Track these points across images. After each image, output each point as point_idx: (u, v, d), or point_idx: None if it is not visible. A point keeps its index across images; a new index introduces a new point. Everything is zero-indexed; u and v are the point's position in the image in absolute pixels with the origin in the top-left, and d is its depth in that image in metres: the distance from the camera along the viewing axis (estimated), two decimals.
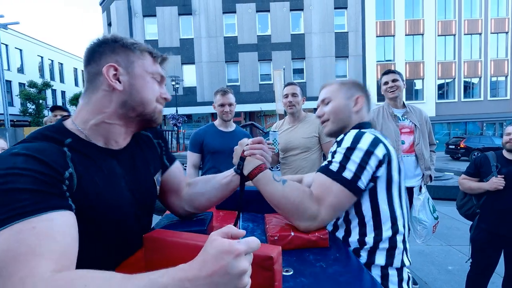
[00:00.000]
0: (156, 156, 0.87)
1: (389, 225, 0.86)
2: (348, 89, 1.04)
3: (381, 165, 0.83)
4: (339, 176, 0.81)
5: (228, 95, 2.28)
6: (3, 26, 11.90)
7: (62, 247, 0.49)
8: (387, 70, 2.60)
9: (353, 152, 0.82)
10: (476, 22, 20.02)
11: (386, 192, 0.86)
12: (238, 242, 0.42)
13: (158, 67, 0.75)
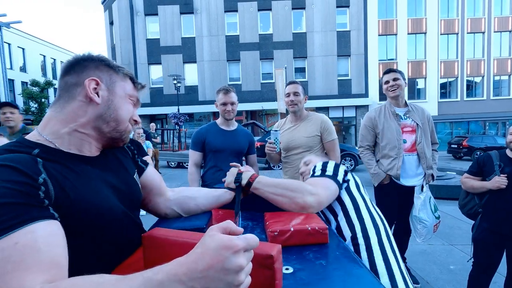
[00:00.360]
0: (128, 159, 0.87)
1: (368, 214, 1.06)
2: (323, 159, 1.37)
3: (347, 173, 1.11)
4: (323, 174, 1.06)
5: (230, 94, 2.27)
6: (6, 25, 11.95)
7: (50, 257, 0.48)
8: (388, 69, 2.58)
9: (327, 165, 1.11)
10: (479, 20, 19.89)
11: (357, 188, 1.10)
12: (237, 238, 0.41)
13: (136, 92, 0.82)
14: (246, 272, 0.41)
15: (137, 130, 5.54)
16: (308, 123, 2.32)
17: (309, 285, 0.59)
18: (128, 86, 0.79)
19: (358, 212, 1.01)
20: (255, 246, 0.43)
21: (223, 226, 0.45)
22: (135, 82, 0.82)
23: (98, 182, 0.68)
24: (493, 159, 2.11)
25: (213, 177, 2.25)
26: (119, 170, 0.78)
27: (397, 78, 2.47)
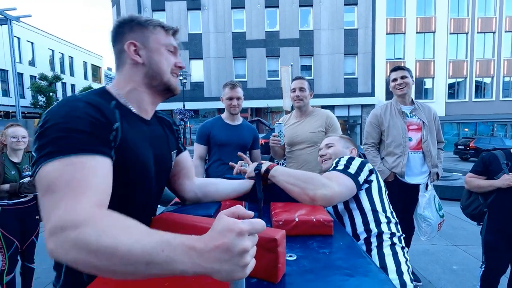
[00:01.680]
0: (173, 138, 0.98)
1: (384, 215, 1.10)
2: (345, 142, 1.44)
3: (372, 173, 1.13)
4: (345, 171, 1.06)
5: (236, 89, 2.29)
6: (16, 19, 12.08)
7: (103, 185, 0.58)
8: (396, 66, 2.56)
9: (352, 162, 1.12)
10: (490, 20, 19.53)
11: (378, 193, 1.13)
12: (242, 222, 0.43)
13: (171, 39, 0.83)
14: (251, 254, 0.43)
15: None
16: (313, 118, 2.32)
17: (312, 272, 0.60)
18: (161, 37, 0.81)
19: (375, 214, 1.06)
20: (261, 230, 0.44)
21: (232, 210, 0.46)
22: (167, 29, 0.83)
23: (147, 144, 0.79)
24: (499, 158, 2.10)
25: (217, 170, 2.27)
26: (163, 141, 0.90)
27: (405, 76, 2.45)
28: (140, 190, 0.76)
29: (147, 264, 0.44)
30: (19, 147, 2.27)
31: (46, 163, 0.55)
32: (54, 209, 0.51)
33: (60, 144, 0.57)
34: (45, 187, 0.54)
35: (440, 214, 2.52)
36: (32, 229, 2.37)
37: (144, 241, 0.45)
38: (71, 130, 0.58)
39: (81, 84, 28.64)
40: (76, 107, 0.62)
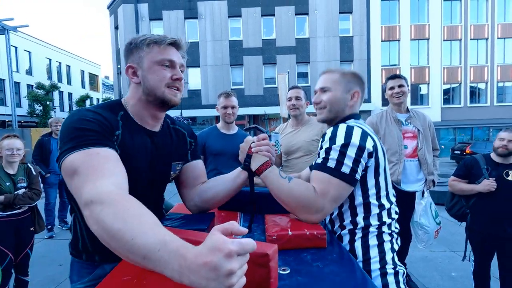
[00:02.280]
0: (184, 150, 1.05)
1: (377, 204, 0.96)
2: (347, 82, 1.08)
3: (372, 156, 0.92)
4: (337, 172, 0.88)
5: (231, 98, 2.31)
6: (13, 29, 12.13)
7: (117, 170, 0.70)
8: (393, 74, 2.59)
9: (347, 148, 0.89)
10: (483, 27, 19.89)
11: (374, 176, 0.96)
12: (232, 242, 0.42)
13: (166, 53, 0.88)
14: (238, 275, 0.42)
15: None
16: (309, 127, 2.34)
17: (305, 286, 0.60)
18: (154, 54, 0.87)
19: (366, 206, 0.95)
20: (250, 251, 0.44)
21: (225, 227, 0.46)
22: (160, 44, 0.87)
23: (144, 153, 0.90)
24: (479, 162, 2.22)
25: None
26: (165, 152, 0.97)
27: (402, 85, 2.48)
28: (134, 194, 0.76)
29: (144, 257, 0.48)
30: (14, 159, 2.26)
31: (69, 154, 0.70)
32: (83, 187, 0.63)
33: (77, 140, 0.72)
34: (71, 172, 0.68)
35: (436, 222, 2.53)
36: (27, 241, 2.34)
37: (147, 235, 0.50)
38: (84, 130, 0.74)
39: (78, 92, 28.61)
40: (86, 115, 0.79)
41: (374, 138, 0.95)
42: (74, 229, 0.94)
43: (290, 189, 0.89)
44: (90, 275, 0.94)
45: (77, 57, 30.66)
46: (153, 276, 0.63)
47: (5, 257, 2.17)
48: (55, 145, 4.25)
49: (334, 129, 0.94)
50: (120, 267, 0.69)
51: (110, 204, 0.57)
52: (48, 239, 4.08)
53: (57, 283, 2.86)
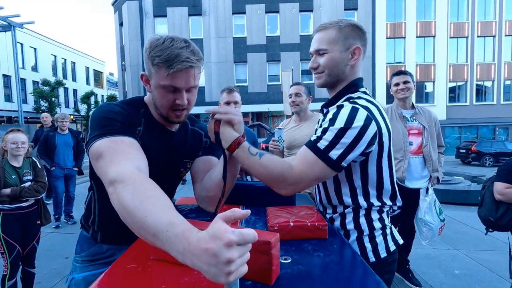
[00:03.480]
0: (198, 149, 1.09)
1: (375, 192, 0.94)
2: (345, 38, 0.96)
3: (373, 143, 0.85)
4: (325, 155, 0.83)
5: (233, 94, 2.31)
6: (19, 26, 12.23)
7: (140, 156, 0.76)
8: (398, 70, 2.58)
9: (345, 133, 0.82)
10: (490, 24, 19.60)
11: (376, 162, 0.92)
12: (232, 232, 0.43)
13: (171, 80, 0.83)
14: (237, 264, 0.43)
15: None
16: (312, 122, 2.35)
17: (306, 274, 0.61)
18: (160, 76, 0.83)
19: (364, 188, 0.92)
20: (251, 241, 0.45)
21: (227, 215, 0.47)
22: (169, 68, 0.81)
23: (160, 149, 0.97)
24: None
25: None
26: (179, 150, 1.03)
27: (407, 81, 2.46)
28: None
29: (153, 235, 0.52)
30: (19, 153, 2.30)
31: (96, 140, 0.77)
32: (108, 167, 0.69)
33: (104, 129, 0.79)
34: (98, 155, 0.75)
35: (441, 218, 2.52)
36: (33, 234, 2.38)
37: (158, 216, 0.53)
38: (112, 120, 0.82)
39: (83, 89, 28.82)
40: (113, 107, 0.87)
41: (379, 120, 0.87)
42: (88, 204, 1.04)
43: (261, 166, 0.85)
44: (88, 250, 1.04)
45: (82, 54, 30.85)
46: (157, 265, 0.65)
47: (13, 250, 2.21)
48: (60, 140, 4.31)
49: (338, 110, 0.87)
50: (125, 255, 0.71)
51: (131, 183, 0.63)
52: (53, 233, 4.14)
53: (62, 275, 2.91)
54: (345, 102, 0.90)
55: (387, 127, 0.92)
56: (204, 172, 1.03)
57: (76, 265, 1.04)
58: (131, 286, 0.58)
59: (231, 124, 0.86)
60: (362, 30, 0.98)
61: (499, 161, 14.22)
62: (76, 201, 4.68)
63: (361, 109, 0.85)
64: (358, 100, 0.91)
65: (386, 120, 0.94)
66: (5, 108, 21.73)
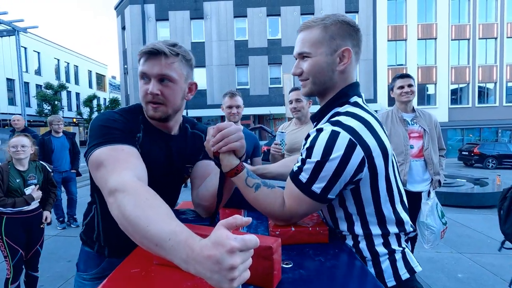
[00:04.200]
0: (198, 152, 1.05)
1: (375, 219, 0.80)
2: (331, 39, 0.82)
3: (360, 170, 0.74)
4: (308, 189, 0.75)
5: (235, 98, 2.33)
6: (23, 30, 12.35)
7: (140, 165, 0.76)
8: (402, 74, 2.58)
9: (323, 167, 0.72)
10: (492, 26, 19.59)
11: (371, 188, 0.78)
12: (235, 239, 0.44)
13: (142, 66, 0.86)
14: (240, 270, 0.44)
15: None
16: (312, 125, 2.36)
17: (307, 279, 0.62)
18: (140, 66, 0.87)
19: (362, 216, 0.80)
20: (253, 247, 0.45)
21: (229, 222, 0.47)
22: (140, 54, 0.86)
23: (160, 154, 0.95)
24: None
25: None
26: (179, 154, 1.01)
27: (411, 85, 2.48)
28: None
29: (156, 245, 0.52)
30: (19, 156, 2.31)
31: (96, 148, 0.76)
32: (109, 177, 0.68)
33: (104, 137, 0.78)
34: (98, 163, 0.74)
35: (443, 222, 2.51)
36: (37, 238, 2.39)
37: (161, 225, 0.53)
38: (111, 128, 0.81)
39: (86, 92, 29.01)
40: (113, 116, 0.87)
41: (367, 141, 0.74)
42: (91, 219, 1.00)
43: (255, 200, 0.82)
44: (98, 267, 0.99)
45: (84, 58, 31.08)
46: (160, 270, 0.66)
47: (15, 253, 2.23)
48: (57, 143, 4.32)
49: (316, 136, 0.77)
50: (129, 259, 0.72)
51: (132, 193, 0.62)
52: (56, 236, 4.15)
53: (65, 279, 2.92)
54: (326, 124, 0.78)
55: (382, 144, 0.77)
56: (202, 178, 0.99)
57: (84, 283, 1.00)
58: None
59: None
60: (354, 27, 0.84)
61: (502, 163, 14.16)
62: (79, 204, 4.71)
63: (343, 133, 0.73)
64: (343, 118, 0.77)
65: (380, 134, 0.78)
66: (8, 112, 21.89)
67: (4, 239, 2.19)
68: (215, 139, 0.77)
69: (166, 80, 0.86)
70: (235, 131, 0.77)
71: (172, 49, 0.85)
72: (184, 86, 0.92)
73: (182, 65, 0.89)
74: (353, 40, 0.84)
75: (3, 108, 21.70)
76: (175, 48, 0.86)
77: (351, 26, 0.84)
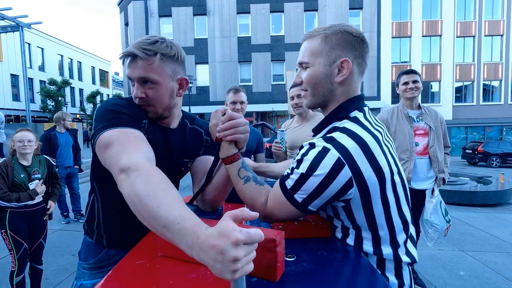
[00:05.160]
0: (198, 148, 1.07)
1: (370, 240, 0.76)
2: (331, 50, 0.80)
3: (346, 191, 0.71)
4: (290, 196, 0.76)
5: (240, 93, 2.33)
6: (27, 26, 12.38)
7: (149, 149, 0.75)
8: (407, 70, 2.55)
9: (307, 180, 0.72)
10: (498, 23, 19.34)
11: (364, 209, 0.74)
12: (240, 231, 0.44)
13: (126, 69, 0.88)
14: (243, 262, 0.44)
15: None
16: (314, 122, 2.36)
17: (310, 271, 0.62)
18: (126, 69, 0.89)
19: (357, 231, 0.77)
20: (258, 241, 0.46)
21: (236, 214, 0.47)
22: (121, 59, 0.88)
23: (157, 147, 0.91)
24: None
25: None
26: (177, 149, 1.00)
27: (416, 81, 2.44)
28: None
29: (164, 226, 0.53)
30: (26, 151, 2.33)
31: (105, 130, 0.76)
32: (120, 156, 0.68)
33: (113, 120, 0.79)
34: (107, 144, 0.73)
35: (446, 220, 2.50)
36: (40, 231, 2.42)
37: (170, 207, 0.54)
38: (119, 113, 0.81)
39: (89, 88, 29.10)
40: (119, 101, 0.87)
41: (359, 162, 0.71)
42: (91, 209, 1.01)
43: (241, 191, 0.84)
44: (96, 257, 1.01)
45: (88, 54, 31.14)
46: (165, 262, 0.66)
47: (20, 247, 2.26)
48: (62, 139, 4.37)
49: (306, 151, 0.75)
50: (133, 251, 0.72)
51: (145, 173, 0.63)
52: (61, 230, 4.20)
53: (69, 272, 2.95)
54: (319, 139, 0.76)
55: (376, 166, 0.72)
56: (203, 173, 1.00)
57: (83, 271, 1.02)
58: (140, 281, 0.60)
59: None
60: (357, 38, 0.82)
61: (506, 162, 14.05)
62: (83, 198, 4.75)
63: (332, 150, 0.71)
64: (337, 135, 0.74)
65: (376, 155, 0.73)
66: (13, 107, 22.04)
67: (8, 233, 2.22)
68: (223, 126, 0.80)
69: (148, 82, 0.87)
70: (244, 124, 0.81)
71: (148, 49, 0.83)
72: (170, 85, 0.91)
73: (164, 63, 0.87)
74: (355, 51, 0.81)
75: (8, 103, 21.84)
76: (152, 46, 0.84)
77: (354, 37, 0.81)
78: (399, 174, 0.79)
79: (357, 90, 0.85)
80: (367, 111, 0.84)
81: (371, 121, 0.82)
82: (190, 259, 0.51)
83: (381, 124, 0.89)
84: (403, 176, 0.83)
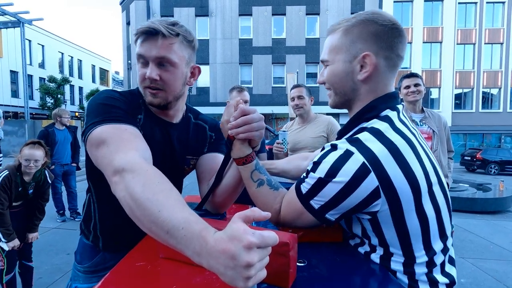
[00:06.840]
0: (202, 144, 1.00)
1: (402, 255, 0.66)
2: (352, 43, 0.70)
3: (372, 202, 0.61)
4: (306, 202, 0.67)
5: (244, 93, 2.32)
6: (28, 22, 12.34)
7: (144, 146, 0.70)
8: (409, 73, 2.53)
9: (324, 186, 0.63)
10: (498, 31, 19.49)
11: (394, 225, 0.64)
12: (253, 234, 0.40)
13: (139, 48, 0.79)
14: (257, 268, 0.40)
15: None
16: (315, 124, 2.34)
17: (322, 278, 0.58)
18: (137, 47, 0.80)
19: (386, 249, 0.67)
20: (272, 245, 0.42)
21: (246, 214, 0.44)
22: (136, 35, 0.79)
23: (158, 142, 0.87)
24: None
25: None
26: (179, 145, 0.94)
27: (418, 84, 2.42)
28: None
29: (167, 232, 0.48)
30: (31, 170, 2.23)
31: (97, 127, 0.70)
32: (114, 155, 0.63)
33: (105, 115, 0.72)
34: (99, 142, 0.67)
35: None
36: (27, 226, 2.35)
37: (173, 211, 0.49)
38: (112, 107, 0.75)
39: (89, 86, 29.04)
40: (113, 94, 0.80)
41: (388, 168, 0.60)
42: (87, 208, 0.95)
43: (254, 195, 0.77)
44: (90, 261, 0.95)
45: (88, 52, 31.10)
46: (167, 264, 0.62)
47: None
48: (60, 136, 4.31)
49: (326, 153, 0.66)
50: (133, 252, 0.68)
51: (142, 174, 0.57)
52: (56, 229, 4.14)
53: (64, 271, 2.89)
54: (343, 141, 0.67)
55: (410, 174, 0.61)
56: (209, 172, 0.93)
57: (78, 274, 0.96)
58: (140, 285, 0.55)
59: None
60: (384, 27, 0.69)
61: (504, 169, 14.10)
62: (80, 197, 4.69)
63: (357, 154, 0.61)
64: (365, 136, 0.65)
65: (410, 161, 0.62)
66: (11, 104, 21.93)
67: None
68: (235, 123, 0.70)
69: (165, 63, 0.78)
70: (259, 119, 0.71)
71: (171, 28, 0.77)
72: (185, 70, 0.85)
73: (183, 47, 0.82)
74: (381, 42, 0.68)
75: (6, 100, 21.74)
76: (175, 27, 0.78)
77: (381, 26, 0.68)
78: (439, 184, 0.68)
79: (388, 87, 0.73)
80: (401, 110, 0.73)
81: (406, 122, 0.71)
82: (194, 262, 0.47)
83: (415, 126, 0.79)
84: (445, 185, 0.71)
